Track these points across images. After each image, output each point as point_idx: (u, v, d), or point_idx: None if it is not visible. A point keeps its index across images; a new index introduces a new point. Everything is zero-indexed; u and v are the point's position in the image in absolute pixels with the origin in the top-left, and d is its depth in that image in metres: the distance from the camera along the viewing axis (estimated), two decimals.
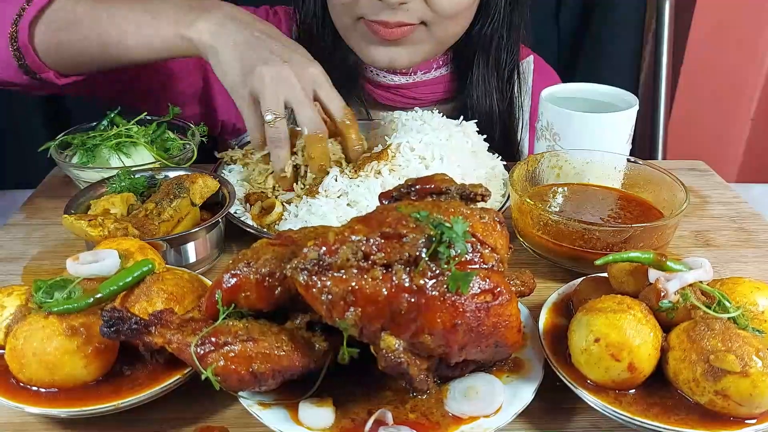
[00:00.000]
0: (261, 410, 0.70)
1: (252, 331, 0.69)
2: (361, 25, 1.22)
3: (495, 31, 1.33)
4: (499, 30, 1.34)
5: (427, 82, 1.40)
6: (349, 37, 1.29)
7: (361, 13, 1.20)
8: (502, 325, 0.68)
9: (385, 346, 0.66)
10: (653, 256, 0.77)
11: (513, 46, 1.38)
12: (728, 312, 0.71)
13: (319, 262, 0.65)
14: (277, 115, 1.01)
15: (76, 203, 0.97)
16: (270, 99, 1.00)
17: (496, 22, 1.32)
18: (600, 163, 1.11)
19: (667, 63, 2.00)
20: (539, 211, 0.96)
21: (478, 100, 1.38)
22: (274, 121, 1.01)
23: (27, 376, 0.69)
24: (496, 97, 1.39)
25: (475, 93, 1.37)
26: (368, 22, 1.20)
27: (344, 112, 1.07)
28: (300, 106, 1.01)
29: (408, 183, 0.85)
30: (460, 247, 0.67)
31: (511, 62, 1.39)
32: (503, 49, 1.37)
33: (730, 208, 1.21)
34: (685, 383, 0.68)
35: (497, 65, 1.38)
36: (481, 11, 1.31)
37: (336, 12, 1.25)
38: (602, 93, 1.25)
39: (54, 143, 1.14)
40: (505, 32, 1.35)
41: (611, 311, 0.70)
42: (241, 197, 1.11)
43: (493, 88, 1.38)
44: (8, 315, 0.74)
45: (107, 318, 0.67)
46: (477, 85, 1.37)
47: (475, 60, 1.36)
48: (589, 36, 1.99)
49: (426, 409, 0.71)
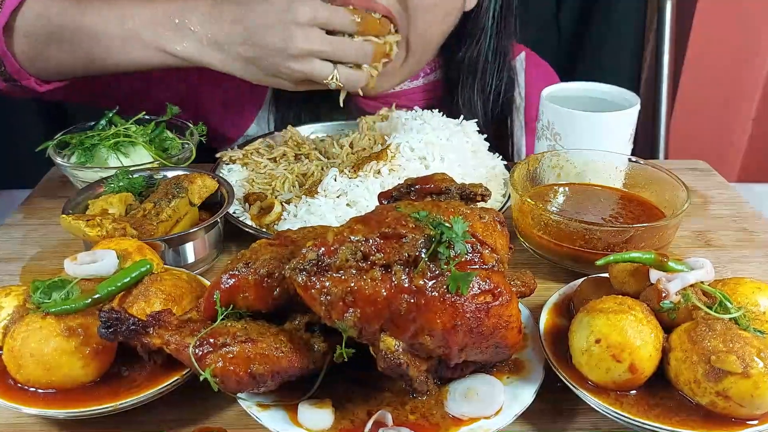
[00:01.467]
0: (260, 411, 0.70)
1: (251, 332, 0.68)
2: None
3: (480, 55, 1.33)
4: (484, 53, 1.34)
5: (415, 90, 1.39)
6: None
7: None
8: (502, 325, 0.68)
9: (384, 347, 0.66)
10: (654, 257, 0.77)
11: (500, 70, 1.37)
12: (730, 312, 0.70)
13: (318, 262, 0.65)
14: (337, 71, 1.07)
15: (74, 203, 0.97)
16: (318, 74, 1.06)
17: (482, 45, 1.32)
18: (601, 162, 1.10)
19: (669, 62, 2.00)
20: (540, 211, 0.96)
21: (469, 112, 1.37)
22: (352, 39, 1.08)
23: (24, 377, 0.69)
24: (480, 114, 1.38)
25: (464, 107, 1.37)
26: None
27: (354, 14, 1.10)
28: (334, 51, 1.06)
29: (407, 183, 0.85)
30: (460, 247, 0.66)
31: (497, 86, 1.39)
32: (489, 74, 1.36)
33: (732, 208, 1.21)
34: (686, 384, 0.68)
35: (482, 90, 1.37)
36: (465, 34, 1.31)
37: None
38: (603, 92, 1.25)
39: (52, 143, 1.13)
40: (491, 55, 1.35)
41: (612, 312, 0.70)
42: (240, 197, 1.11)
43: (479, 109, 1.38)
44: (6, 315, 0.74)
45: (105, 319, 0.66)
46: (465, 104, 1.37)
47: (461, 83, 1.36)
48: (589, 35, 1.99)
49: (426, 411, 0.71)
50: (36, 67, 1.11)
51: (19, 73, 1.10)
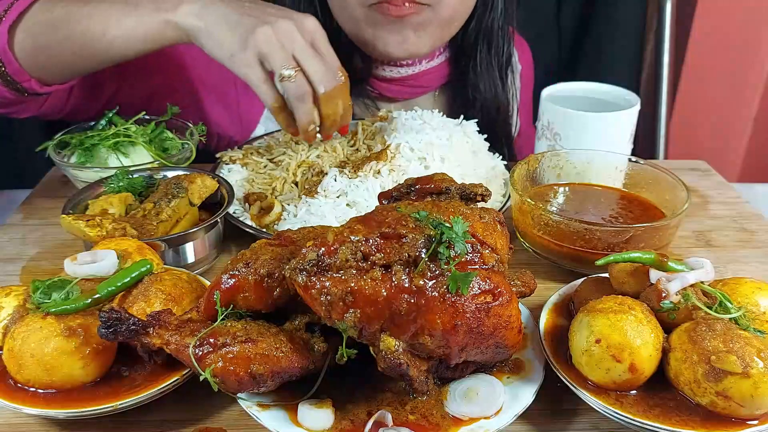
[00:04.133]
0: (260, 411, 0.70)
1: (251, 332, 0.68)
2: (373, 12, 1.21)
3: (495, 21, 1.36)
4: (498, 19, 1.37)
5: (428, 71, 1.41)
6: (363, 30, 1.27)
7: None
8: (502, 325, 0.68)
9: (384, 348, 0.66)
10: (654, 257, 0.77)
11: (509, 33, 1.41)
12: (729, 312, 0.70)
13: (318, 262, 0.65)
14: (294, 67, 0.97)
15: (74, 203, 0.97)
16: (279, 55, 0.96)
17: (496, 11, 1.35)
18: (601, 162, 1.10)
19: (669, 62, 2.00)
20: (540, 211, 0.96)
21: (484, 87, 1.40)
22: (294, 76, 0.97)
23: (25, 377, 0.69)
24: (498, 84, 1.42)
25: (480, 81, 1.40)
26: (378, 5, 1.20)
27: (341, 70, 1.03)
28: (307, 58, 0.98)
29: (407, 183, 0.85)
30: (460, 247, 0.66)
31: (508, 49, 1.42)
32: (502, 37, 1.39)
33: (732, 208, 1.21)
34: (687, 384, 0.68)
35: (497, 53, 1.40)
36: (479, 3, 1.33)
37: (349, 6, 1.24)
38: (603, 92, 1.25)
39: (52, 143, 1.13)
40: (504, 22, 1.38)
41: (612, 312, 0.70)
42: (240, 197, 1.11)
43: (495, 75, 1.41)
44: (6, 315, 0.74)
45: (105, 319, 0.66)
46: (481, 74, 1.40)
47: (477, 49, 1.38)
48: (589, 35, 1.99)
49: (426, 411, 0.71)
50: (35, 63, 1.08)
51: (20, 74, 1.08)
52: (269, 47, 0.96)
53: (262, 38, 0.96)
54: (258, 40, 0.96)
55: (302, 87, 0.98)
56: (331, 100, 1.00)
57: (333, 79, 1.00)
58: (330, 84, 0.99)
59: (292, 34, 0.97)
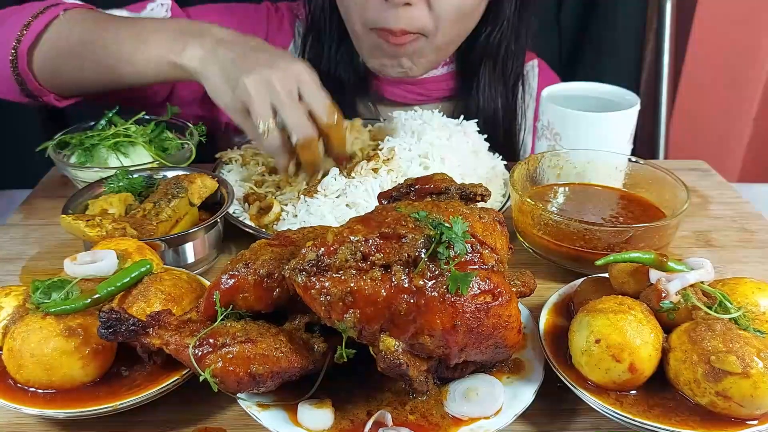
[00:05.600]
0: (260, 412, 0.70)
1: (250, 333, 0.68)
2: (373, 35, 1.22)
3: (503, 39, 1.34)
4: (506, 38, 1.35)
5: (435, 79, 1.41)
6: (360, 45, 1.29)
7: (371, 18, 1.20)
8: (502, 325, 0.68)
9: (384, 348, 0.66)
10: (654, 257, 0.77)
11: (519, 54, 1.39)
12: (729, 313, 0.70)
13: (318, 262, 0.65)
14: (268, 124, 0.99)
15: (74, 203, 0.97)
16: (258, 106, 0.98)
17: (504, 30, 1.33)
18: (601, 162, 1.10)
19: (669, 62, 1.99)
20: (540, 211, 0.96)
21: (484, 104, 1.39)
22: (266, 132, 0.99)
23: (24, 377, 0.69)
24: (500, 103, 1.40)
25: (481, 97, 1.39)
26: (378, 31, 1.21)
27: (329, 111, 1.02)
28: (283, 108, 0.99)
29: (407, 183, 0.85)
30: (460, 247, 0.66)
31: (516, 69, 1.41)
32: (509, 56, 1.38)
33: (732, 208, 1.21)
34: (686, 384, 0.68)
35: (503, 72, 1.39)
36: (488, 19, 1.31)
37: (350, 19, 1.25)
38: (603, 92, 1.25)
39: (52, 143, 1.13)
40: (512, 41, 1.36)
41: (612, 312, 0.70)
42: (239, 197, 1.11)
43: (499, 93, 1.40)
44: (6, 315, 0.74)
45: (105, 319, 0.66)
46: (483, 90, 1.39)
47: (481, 66, 1.37)
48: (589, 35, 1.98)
49: (426, 411, 0.71)
50: (53, 83, 1.15)
51: (39, 91, 1.15)
52: (248, 98, 0.98)
53: (242, 89, 0.98)
54: (241, 91, 0.99)
55: (273, 142, 1.01)
56: (307, 148, 1.02)
57: (308, 128, 1.00)
58: (304, 132, 1.00)
59: (270, 83, 0.98)
